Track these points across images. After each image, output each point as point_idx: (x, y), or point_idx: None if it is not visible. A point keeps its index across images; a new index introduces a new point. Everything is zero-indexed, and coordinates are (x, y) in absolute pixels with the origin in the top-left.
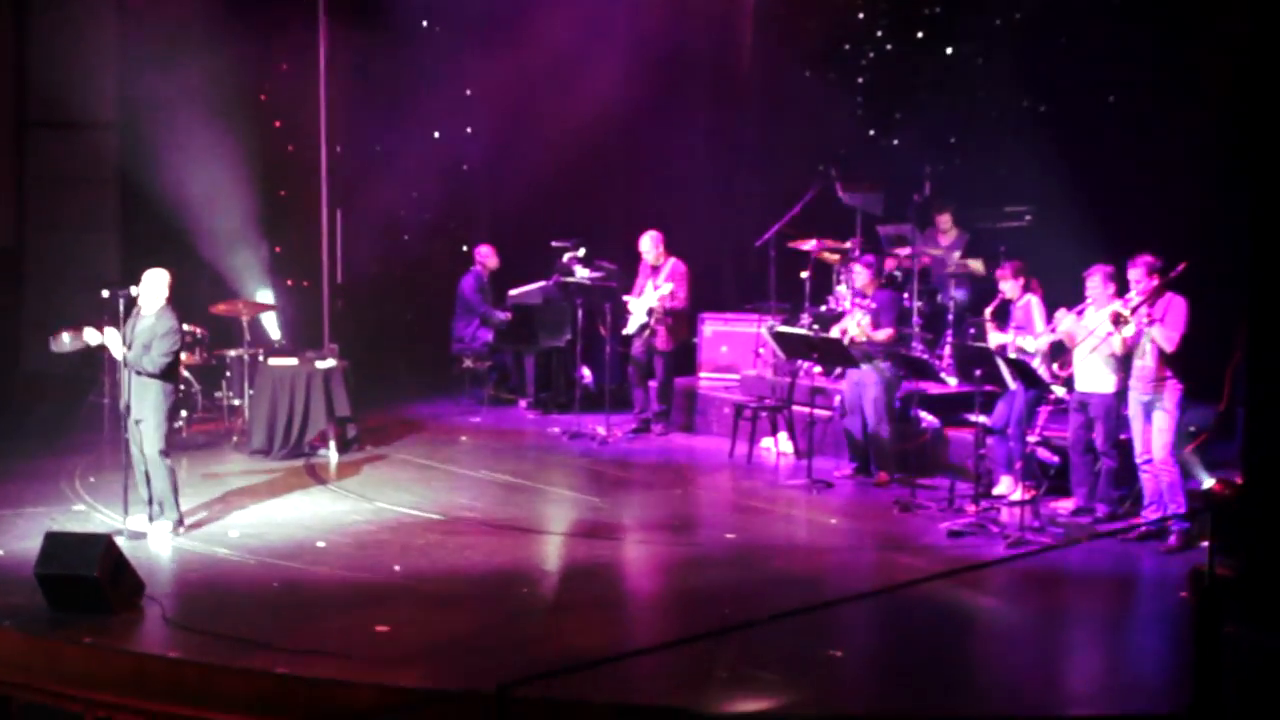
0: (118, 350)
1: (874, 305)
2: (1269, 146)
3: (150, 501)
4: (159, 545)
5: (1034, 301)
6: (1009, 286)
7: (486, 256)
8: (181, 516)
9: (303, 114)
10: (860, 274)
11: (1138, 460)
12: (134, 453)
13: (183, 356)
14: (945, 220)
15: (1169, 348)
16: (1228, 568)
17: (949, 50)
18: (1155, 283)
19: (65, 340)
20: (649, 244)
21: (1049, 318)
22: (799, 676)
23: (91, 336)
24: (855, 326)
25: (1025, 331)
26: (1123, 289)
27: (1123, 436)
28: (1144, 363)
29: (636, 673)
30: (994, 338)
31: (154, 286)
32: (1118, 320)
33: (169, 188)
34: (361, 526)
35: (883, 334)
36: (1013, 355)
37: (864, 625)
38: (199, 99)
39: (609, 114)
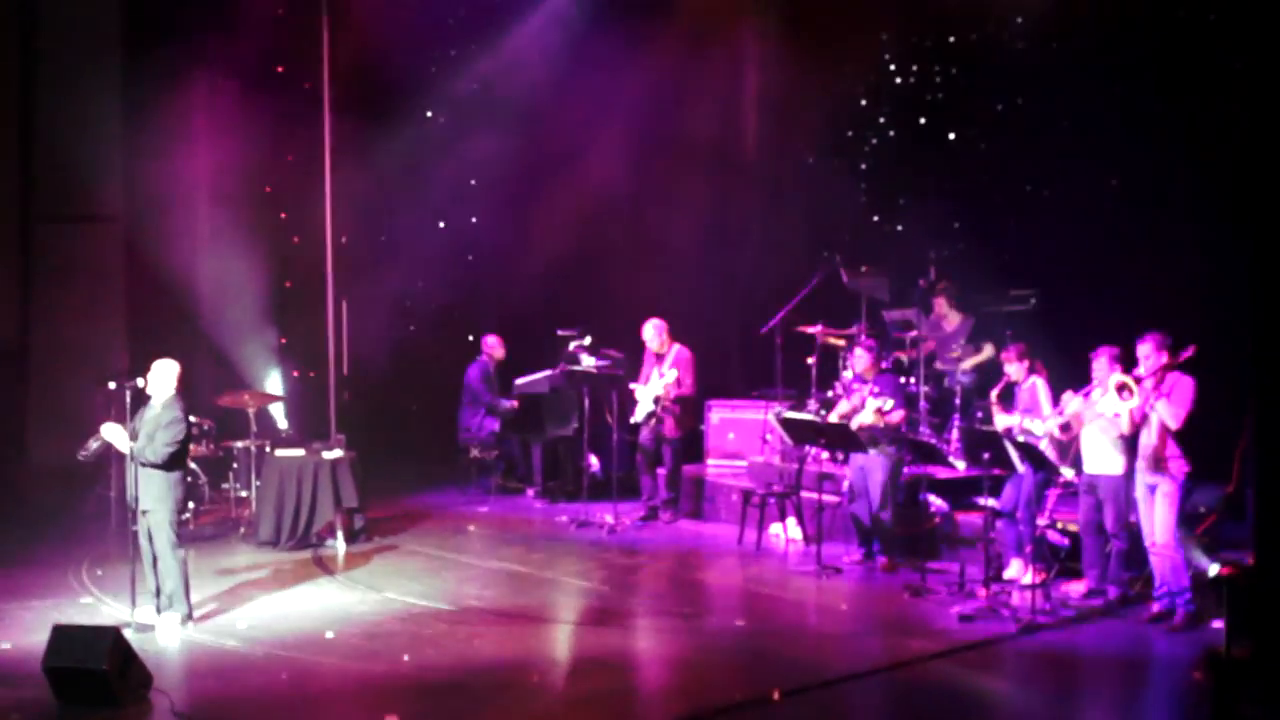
0: (122, 444)
1: (876, 389)
2: (1270, 223)
3: (158, 593)
4: (167, 637)
5: (1039, 383)
6: (1014, 369)
7: (493, 346)
8: (191, 609)
9: (308, 205)
10: (861, 358)
11: (1146, 542)
12: (142, 544)
13: (189, 447)
14: (941, 304)
15: (1174, 424)
16: (1242, 648)
17: (951, 136)
18: (1164, 359)
19: (92, 447)
20: (652, 332)
21: (1055, 400)
22: None
23: (108, 432)
24: (872, 414)
25: (1032, 414)
26: (1130, 369)
27: (1132, 519)
28: (1149, 441)
29: None
30: (1000, 420)
31: (162, 377)
32: (1122, 389)
33: (175, 279)
34: (370, 617)
35: (897, 415)
36: (1020, 438)
37: (875, 706)
38: (205, 190)
39: (613, 201)
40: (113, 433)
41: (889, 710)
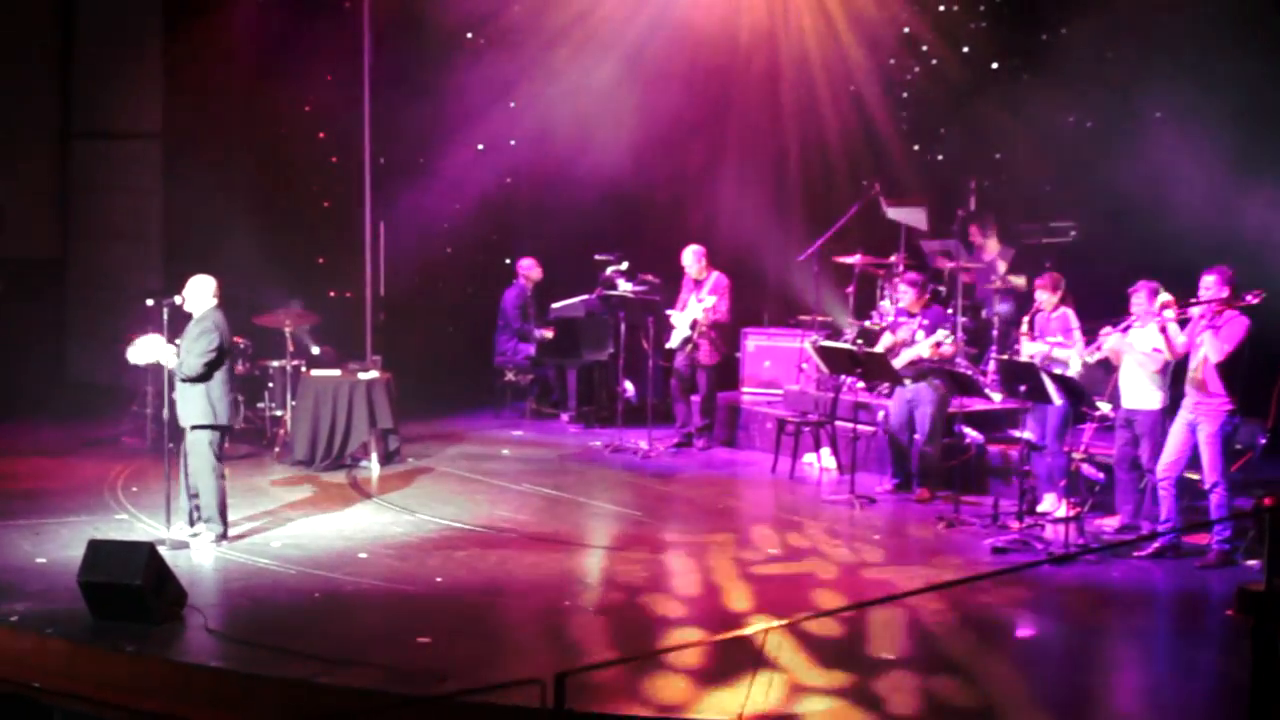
0: (166, 358)
1: (926, 322)
2: None
3: (194, 511)
4: (201, 555)
5: (1069, 313)
6: (1045, 297)
7: (529, 269)
8: (226, 527)
9: (347, 125)
10: (906, 293)
11: (1158, 476)
12: (180, 462)
13: (228, 362)
14: (976, 233)
15: (1215, 357)
16: None
17: (994, 65)
18: (1225, 294)
19: (138, 357)
20: (691, 258)
21: (1084, 331)
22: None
23: (146, 345)
24: (929, 348)
25: (1060, 344)
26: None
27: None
28: (1196, 375)
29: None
30: (1027, 347)
31: (199, 292)
32: (1165, 308)
33: (212, 198)
34: (403, 538)
35: (952, 347)
36: (1056, 370)
37: (905, 629)
38: (243, 109)
39: (654, 128)
40: (150, 347)
41: (920, 633)
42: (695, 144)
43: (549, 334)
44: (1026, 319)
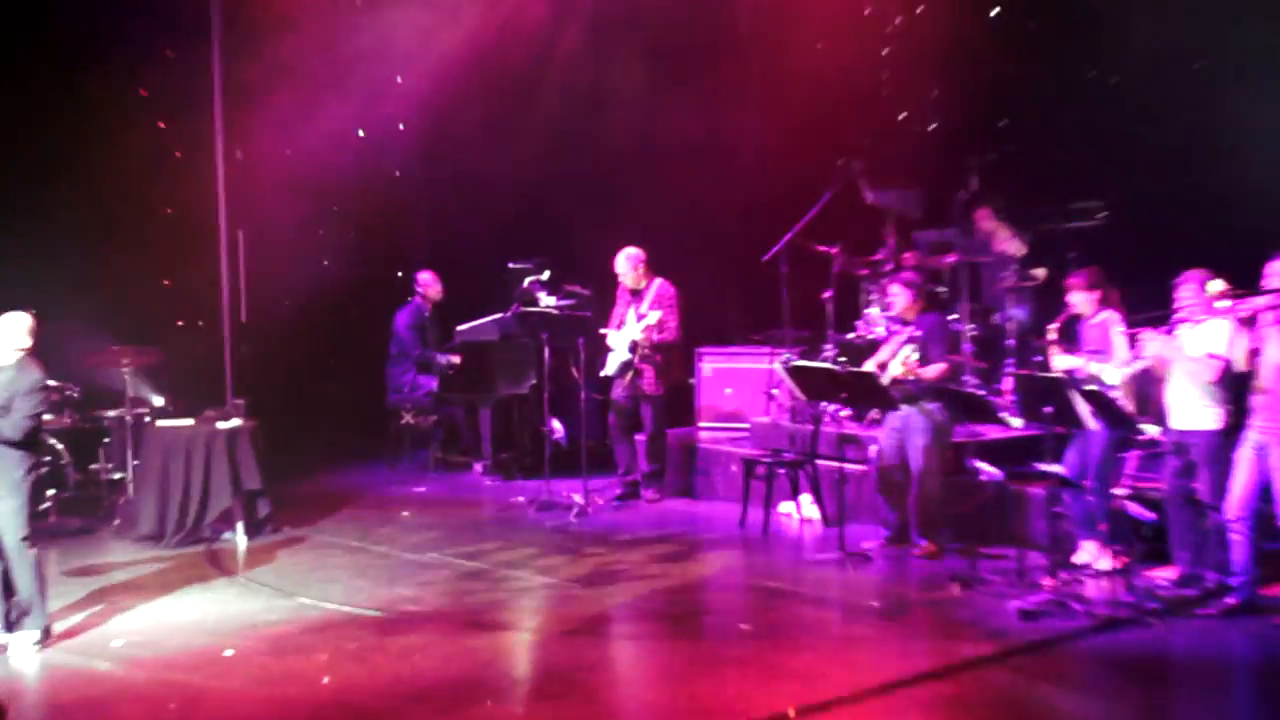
0: None
1: (918, 333)
2: None
3: (8, 606)
4: (22, 660)
5: (1113, 319)
6: (1080, 300)
7: (427, 285)
8: (50, 623)
9: (194, 112)
10: (899, 296)
11: (1228, 517)
12: None
13: (46, 418)
14: (986, 218)
15: None
16: None
17: (994, 11)
18: None
19: None
20: (626, 264)
21: (1132, 342)
22: None
23: None
24: (899, 365)
25: (1101, 356)
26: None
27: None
28: (1264, 385)
29: None
30: (1059, 361)
31: (11, 333)
32: (1219, 298)
33: (13, 207)
34: (280, 628)
35: (933, 370)
36: (1091, 388)
37: None
38: (59, 92)
39: (576, 101)
40: None
41: None
42: (631, 120)
43: (455, 360)
44: (1055, 326)
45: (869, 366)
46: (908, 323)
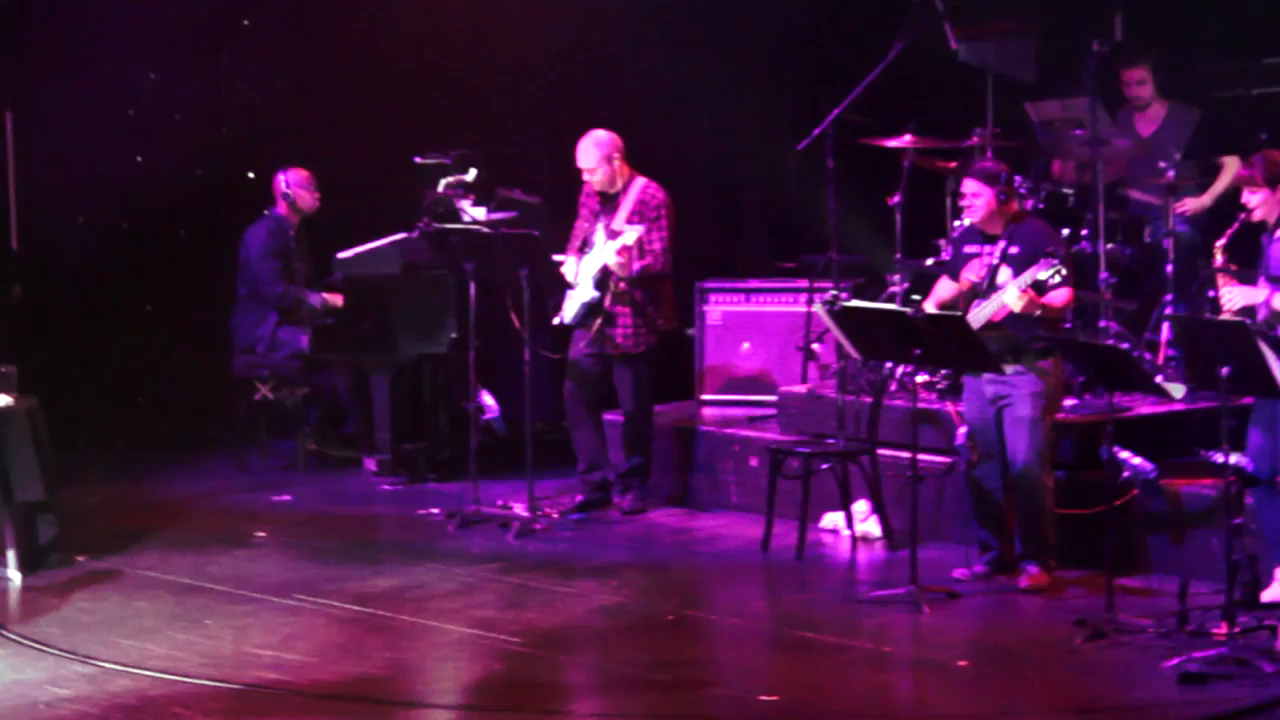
0: None
1: (1014, 251)
2: None
3: None
4: None
5: None
6: (1258, 201)
7: (298, 187)
8: None
9: None
10: (977, 197)
11: None
12: None
13: None
14: (1141, 80)
15: None
16: None
17: None
18: None
19: None
20: (593, 156)
21: None
22: None
23: None
24: (1015, 296)
25: None
26: None
27: None
28: None
29: None
30: (1232, 296)
31: None
32: None
33: None
34: (72, 706)
35: (1062, 295)
36: None
37: None
38: None
39: None
40: None
41: None
42: None
43: (335, 303)
44: (1222, 244)
45: (929, 305)
46: (991, 238)
